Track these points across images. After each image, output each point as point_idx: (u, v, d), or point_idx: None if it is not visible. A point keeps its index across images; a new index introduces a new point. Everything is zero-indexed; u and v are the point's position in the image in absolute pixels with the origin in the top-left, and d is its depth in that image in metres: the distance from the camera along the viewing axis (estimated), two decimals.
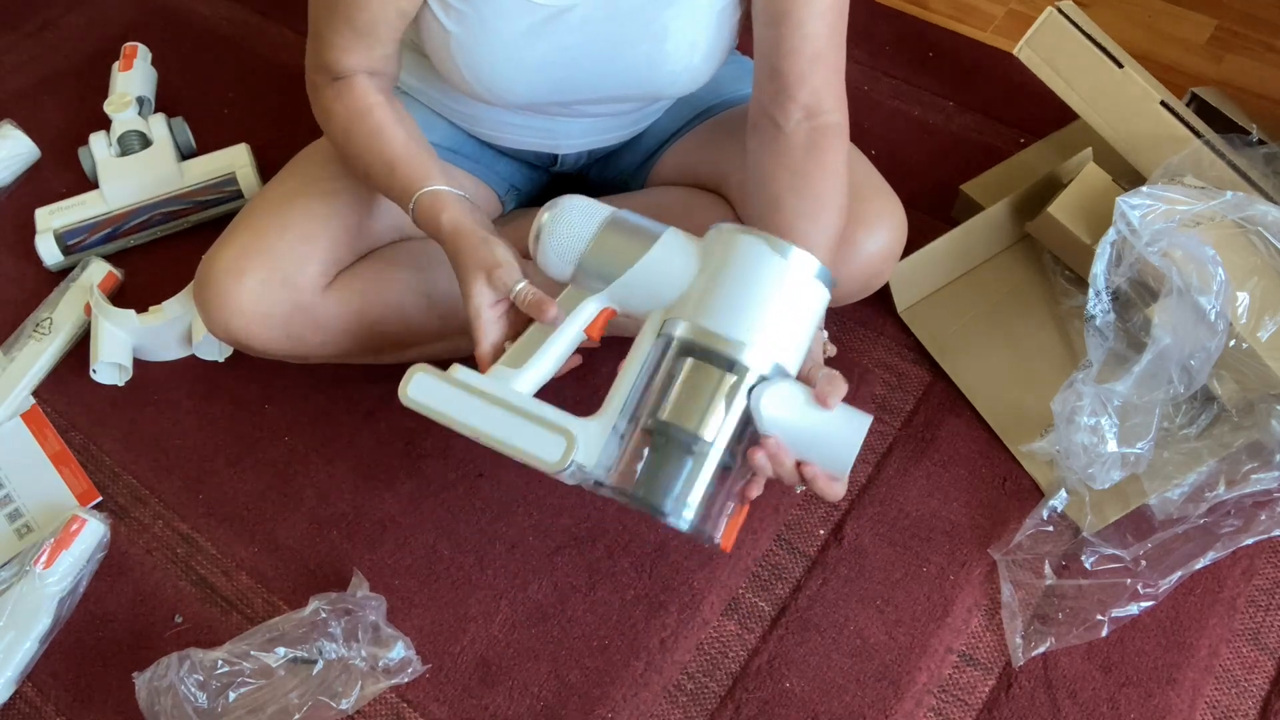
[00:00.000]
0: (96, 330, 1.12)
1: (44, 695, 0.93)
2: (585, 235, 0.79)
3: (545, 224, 0.80)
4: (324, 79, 0.92)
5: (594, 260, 0.79)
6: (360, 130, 0.90)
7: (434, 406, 0.81)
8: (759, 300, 0.74)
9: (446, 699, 0.91)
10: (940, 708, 0.90)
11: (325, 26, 0.89)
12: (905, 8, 1.55)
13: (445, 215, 0.86)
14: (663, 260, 0.78)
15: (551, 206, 0.81)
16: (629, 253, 0.79)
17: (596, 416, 0.77)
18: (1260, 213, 0.98)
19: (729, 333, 0.74)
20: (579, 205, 0.81)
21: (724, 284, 0.75)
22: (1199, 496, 0.98)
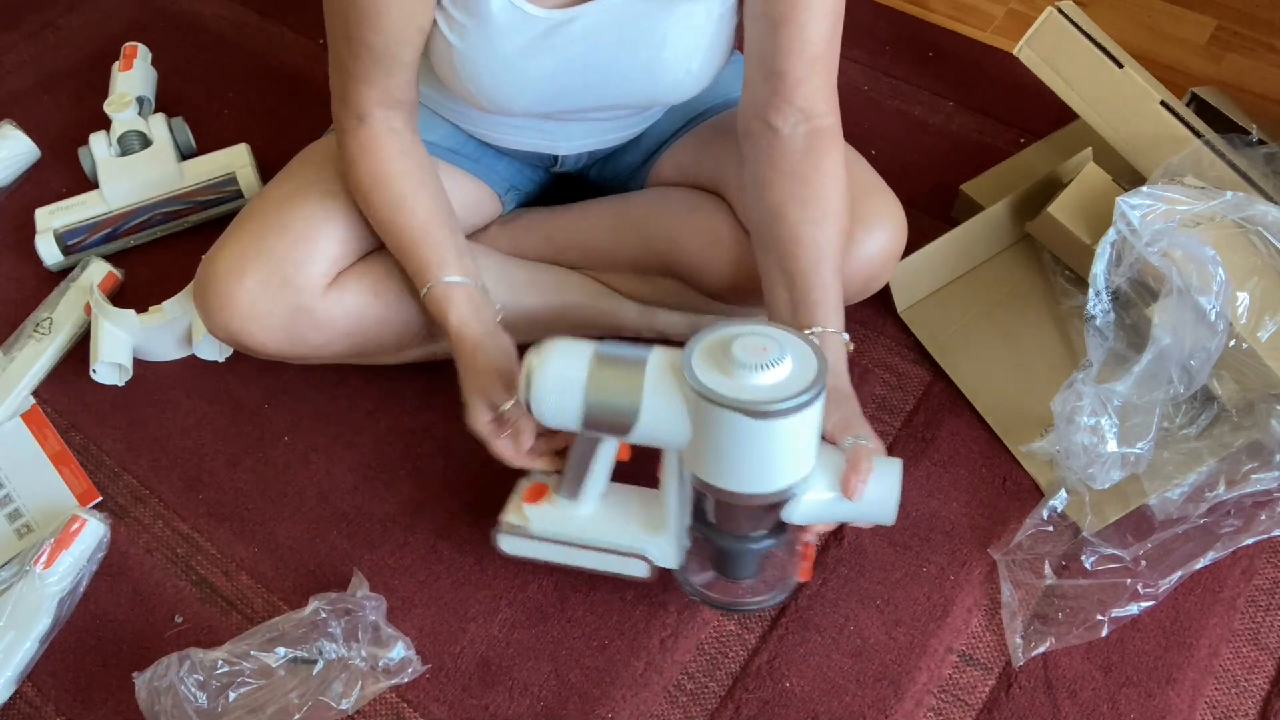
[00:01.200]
0: (96, 330, 1.12)
1: (44, 695, 0.93)
2: (573, 414, 0.79)
3: (531, 398, 0.79)
4: (350, 118, 0.92)
5: (591, 428, 0.80)
6: (383, 200, 0.92)
7: (528, 555, 0.92)
8: (760, 463, 0.76)
9: (446, 699, 0.91)
10: (940, 708, 0.90)
11: (345, 54, 0.89)
12: (905, 8, 1.55)
13: (453, 314, 0.90)
14: (653, 425, 0.78)
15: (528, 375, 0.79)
16: (618, 421, 0.79)
17: (662, 531, 0.88)
18: (1260, 213, 0.98)
19: (743, 489, 0.78)
20: (554, 379, 0.79)
21: (722, 455, 0.76)
22: (1199, 496, 0.98)
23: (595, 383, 0.78)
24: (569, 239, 1.09)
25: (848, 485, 0.79)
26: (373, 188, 0.92)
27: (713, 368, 0.74)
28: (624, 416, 0.78)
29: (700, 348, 0.76)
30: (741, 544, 0.85)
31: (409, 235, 0.92)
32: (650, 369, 0.77)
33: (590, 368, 0.78)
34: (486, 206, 1.09)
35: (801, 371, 0.74)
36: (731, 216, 1.01)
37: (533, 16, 0.86)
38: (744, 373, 0.73)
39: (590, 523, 0.89)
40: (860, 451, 0.80)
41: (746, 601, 0.91)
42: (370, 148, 0.92)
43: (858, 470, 0.79)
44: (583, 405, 0.78)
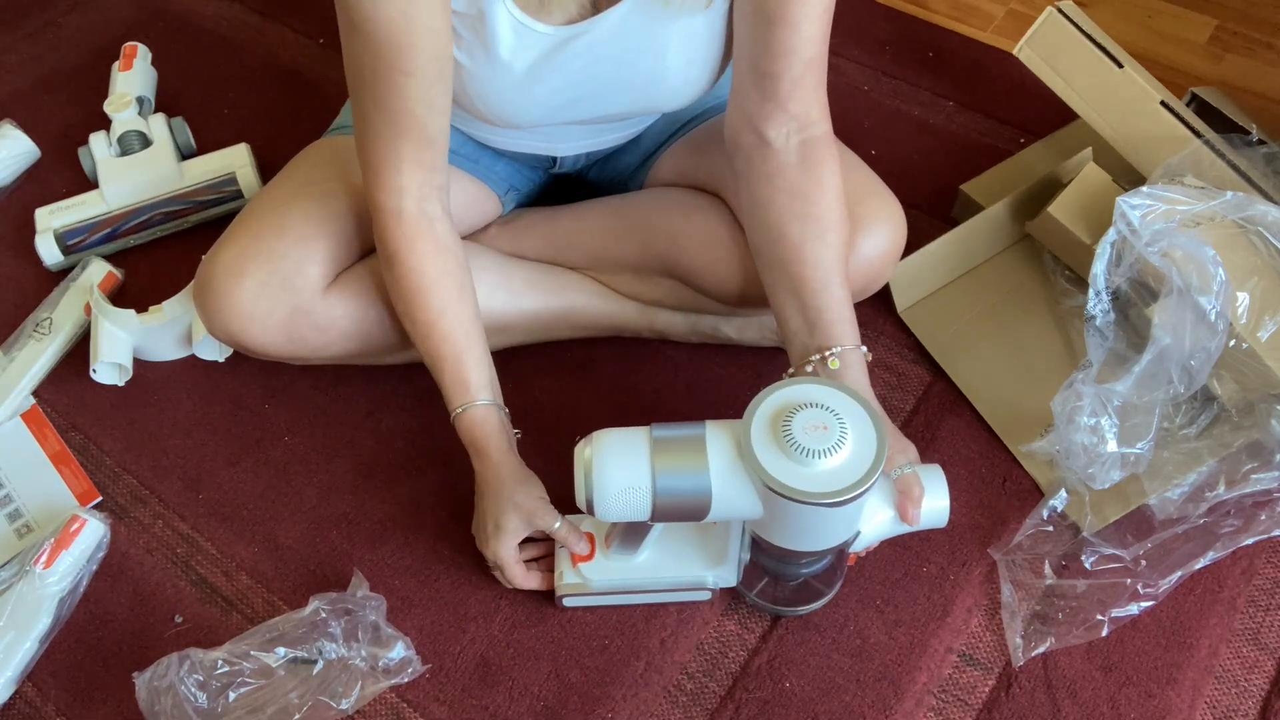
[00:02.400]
0: (96, 330, 1.12)
1: (44, 695, 0.93)
2: (641, 512, 0.79)
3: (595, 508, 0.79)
4: (385, 197, 0.89)
5: (661, 519, 0.80)
6: (425, 305, 0.91)
7: (595, 604, 0.94)
8: (829, 531, 0.79)
9: (446, 699, 0.91)
10: (940, 708, 0.90)
11: (374, 114, 0.85)
12: (905, 8, 1.55)
13: (493, 444, 0.91)
14: (725, 509, 0.78)
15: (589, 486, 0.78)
16: (689, 511, 0.79)
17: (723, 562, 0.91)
18: (1260, 213, 0.98)
19: (811, 548, 0.81)
20: (620, 492, 0.78)
21: (791, 529, 0.79)
22: (1199, 496, 0.98)
23: (662, 484, 0.77)
24: (568, 239, 1.09)
25: (905, 515, 0.83)
26: (416, 292, 0.90)
27: (777, 453, 0.75)
28: (696, 508, 0.78)
29: (759, 428, 0.76)
30: (799, 569, 0.89)
31: (450, 348, 0.91)
32: (713, 457, 0.77)
33: (653, 468, 0.77)
34: (486, 207, 1.09)
35: (862, 448, 0.75)
36: (731, 217, 1.01)
37: (540, 34, 0.86)
38: (809, 459, 0.73)
39: (650, 568, 0.91)
40: (909, 480, 0.84)
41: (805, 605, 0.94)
42: (413, 244, 0.89)
43: (912, 498, 0.83)
44: (651, 507, 0.78)
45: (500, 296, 1.05)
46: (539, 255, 1.10)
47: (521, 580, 0.92)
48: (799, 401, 0.76)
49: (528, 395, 1.11)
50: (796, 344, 0.89)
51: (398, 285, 0.91)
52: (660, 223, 1.04)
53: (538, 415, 1.09)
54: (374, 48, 0.81)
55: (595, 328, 1.11)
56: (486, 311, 1.04)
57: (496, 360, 1.11)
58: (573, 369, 1.13)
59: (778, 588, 0.93)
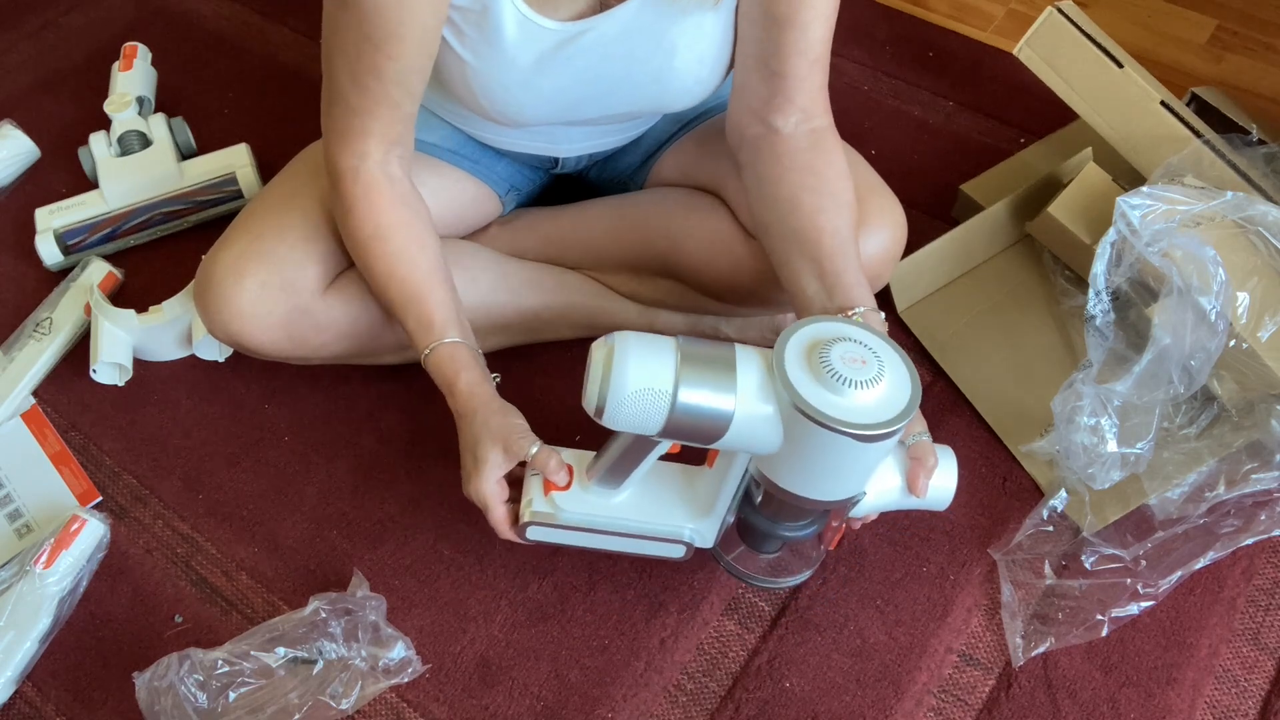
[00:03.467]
0: (96, 330, 1.12)
1: (44, 695, 0.93)
2: (655, 423, 0.72)
3: (607, 408, 0.72)
4: (348, 160, 0.89)
5: (668, 436, 0.74)
6: (382, 251, 0.89)
7: (553, 541, 0.87)
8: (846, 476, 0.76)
9: (446, 699, 0.91)
10: (940, 708, 0.90)
11: (350, 90, 0.85)
12: (905, 8, 1.55)
13: (464, 376, 0.87)
14: (742, 435, 0.73)
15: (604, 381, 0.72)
16: (705, 431, 0.73)
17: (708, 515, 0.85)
18: (1260, 213, 0.98)
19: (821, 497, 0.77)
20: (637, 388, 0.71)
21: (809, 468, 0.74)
22: (1199, 496, 0.98)
23: (685, 392, 0.71)
24: (569, 239, 1.09)
25: (915, 483, 0.81)
26: (373, 238, 0.89)
27: (811, 379, 0.70)
28: (714, 428, 0.72)
29: (793, 351, 0.72)
30: (784, 531, 0.84)
31: (411, 290, 0.88)
32: (741, 374, 0.72)
33: (677, 373, 0.71)
34: (486, 206, 1.09)
35: (897, 387, 0.71)
36: (731, 217, 1.01)
37: (545, 29, 0.86)
38: (844, 388, 0.69)
39: (628, 508, 0.85)
40: (925, 448, 0.82)
41: (780, 578, 0.91)
42: (369, 195, 0.89)
43: (925, 467, 0.81)
44: (667, 417, 0.72)
45: (500, 296, 1.05)
46: (539, 255, 1.10)
47: (506, 524, 0.86)
48: (835, 335, 0.72)
49: (528, 395, 1.11)
50: (815, 308, 0.87)
51: (353, 236, 0.90)
52: (661, 222, 1.04)
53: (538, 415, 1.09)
54: (363, 28, 0.81)
55: (595, 327, 1.11)
56: (486, 311, 1.04)
57: (496, 360, 1.12)
58: (573, 369, 1.13)
59: (753, 558, 0.89)
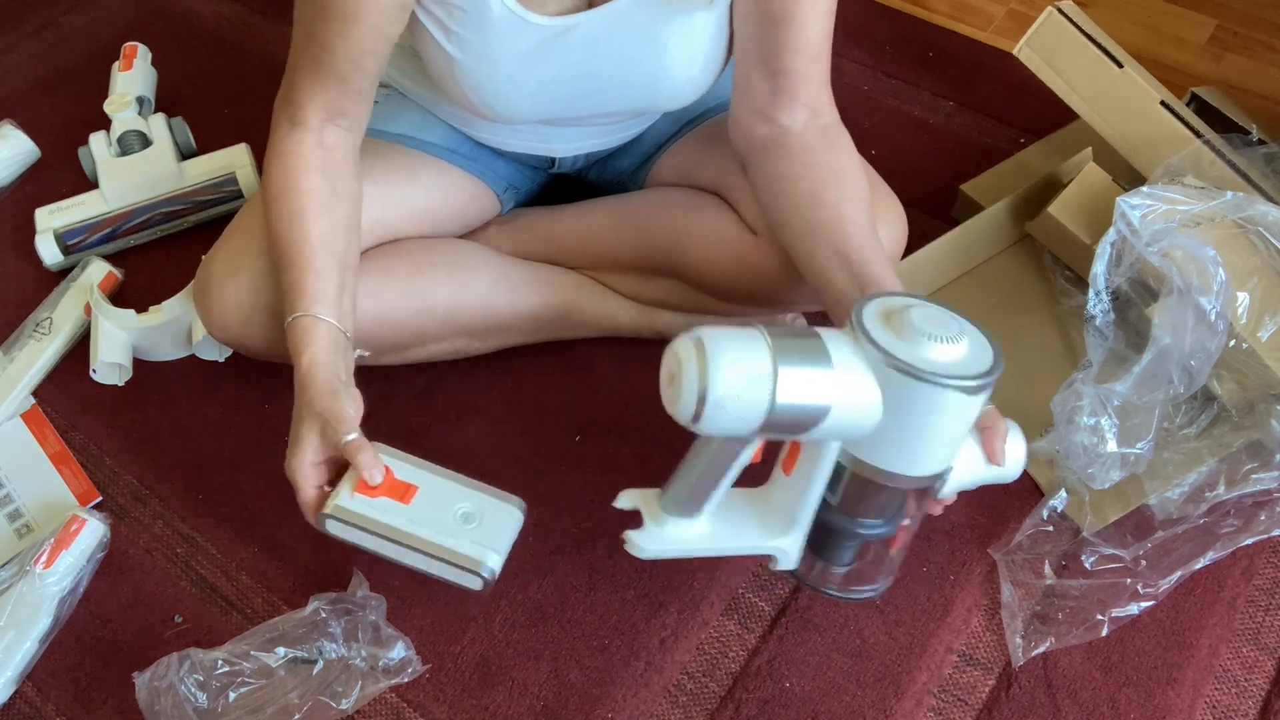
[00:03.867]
0: (96, 330, 1.12)
1: (44, 695, 0.93)
2: (757, 417, 0.68)
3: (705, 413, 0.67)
4: (284, 118, 0.89)
5: (764, 433, 0.71)
6: (282, 210, 0.87)
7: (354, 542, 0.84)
8: (935, 442, 0.73)
9: (446, 699, 0.91)
10: (940, 708, 0.90)
11: (303, 53, 0.87)
12: (905, 8, 1.55)
13: (309, 352, 0.83)
14: (843, 417, 0.70)
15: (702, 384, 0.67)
16: (805, 421, 0.69)
17: (792, 530, 0.81)
18: (1260, 213, 0.98)
19: (903, 469, 0.74)
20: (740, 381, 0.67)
21: (905, 436, 0.72)
22: (1199, 496, 0.98)
23: (785, 380, 0.67)
24: (569, 239, 1.09)
25: (992, 451, 0.78)
26: (279, 195, 0.88)
27: (898, 340, 0.69)
28: (815, 414, 0.69)
29: (871, 320, 0.70)
30: (861, 529, 0.79)
31: (293, 254, 0.86)
32: (834, 354, 0.69)
33: (774, 362, 0.67)
34: (485, 206, 1.09)
35: (977, 345, 0.71)
36: (734, 216, 1.01)
37: (533, 24, 0.86)
38: (932, 344, 0.68)
39: (705, 540, 0.81)
40: (994, 416, 0.80)
41: (862, 589, 0.87)
42: (290, 154, 0.88)
43: (998, 433, 0.79)
44: (769, 405, 0.67)
45: (500, 296, 1.05)
46: (539, 255, 1.10)
47: (310, 504, 0.82)
48: (906, 303, 0.72)
49: (528, 395, 1.11)
50: (846, 303, 0.84)
51: (265, 193, 0.89)
52: (662, 222, 1.04)
53: (538, 415, 1.09)
54: (321, 2, 0.83)
55: (595, 327, 1.11)
56: (486, 311, 1.04)
57: (496, 360, 1.12)
58: (573, 369, 1.13)
59: (828, 572, 0.85)
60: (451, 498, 0.85)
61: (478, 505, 0.85)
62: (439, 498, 0.84)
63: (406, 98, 1.05)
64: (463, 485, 0.86)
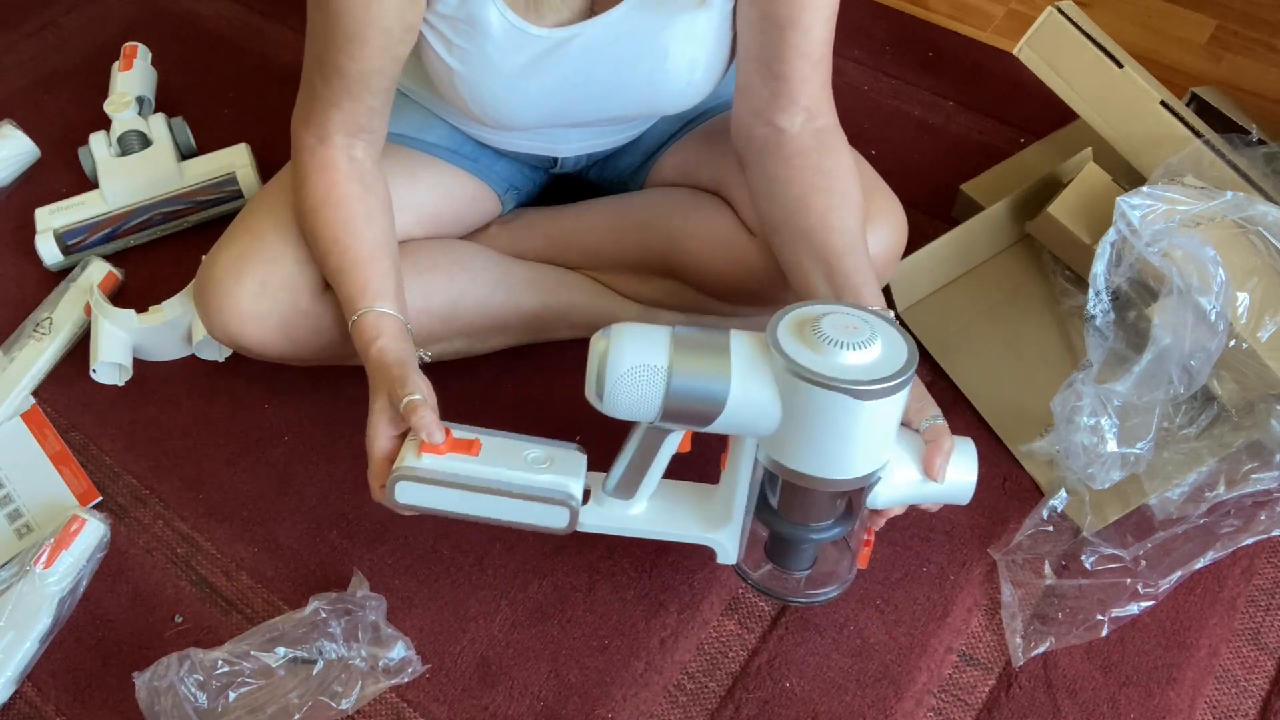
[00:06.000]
0: (96, 330, 1.12)
1: (44, 695, 0.93)
2: (652, 404, 0.74)
3: (605, 393, 0.75)
4: (309, 137, 0.91)
5: (668, 418, 0.76)
6: (332, 217, 0.89)
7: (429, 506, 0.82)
8: (841, 445, 0.74)
9: (446, 699, 0.91)
10: (940, 708, 0.90)
11: (317, 76, 0.88)
12: (905, 8, 1.55)
13: (379, 342, 0.85)
14: (741, 411, 0.74)
15: (601, 367, 0.74)
16: (705, 409, 0.74)
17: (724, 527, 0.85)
18: (1260, 213, 0.98)
19: (812, 470, 0.75)
20: (632, 371, 0.74)
21: (813, 440, 0.74)
22: (1199, 496, 0.98)
23: (679, 369, 0.73)
24: (569, 239, 1.09)
25: (931, 466, 0.78)
26: (324, 203, 0.89)
27: (803, 346, 0.72)
28: (711, 405, 0.73)
29: (784, 327, 0.73)
30: (808, 533, 0.82)
31: (352, 257, 0.88)
32: (735, 352, 0.74)
33: (671, 352, 0.74)
34: (486, 206, 1.09)
35: (892, 351, 0.72)
36: (732, 216, 1.01)
37: (533, 36, 0.86)
38: (837, 351, 0.70)
39: (643, 522, 0.86)
40: (940, 431, 0.80)
41: (814, 593, 0.87)
42: (326, 168, 0.90)
43: (941, 449, 0.78)
44: (664, 395, 0.74)
45: (500, 296, 1.05)
46: (539, 255, 1.10)
47: (379, 478, 0.82)
48: (825, 310, 0.74)
49: (528, 395, 1.11)
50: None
51: (305, 203, 0.90)
52: (661, 222, 1.04)
53: (537, 415, 1.09)
54: (329, 26, 0.84)
55: (595, 327, 1.10)
56: (487, 311, 1.04)
57: (496, 360, 1.12)
58: (573, 369, 1.13)
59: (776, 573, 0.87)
60: (516, 447, 0.84)
61: (544, 451, 0.85)
62: (504, 448, 0.84)
63: (408, 97, 1.05)
64: (522, 439, 0.85)
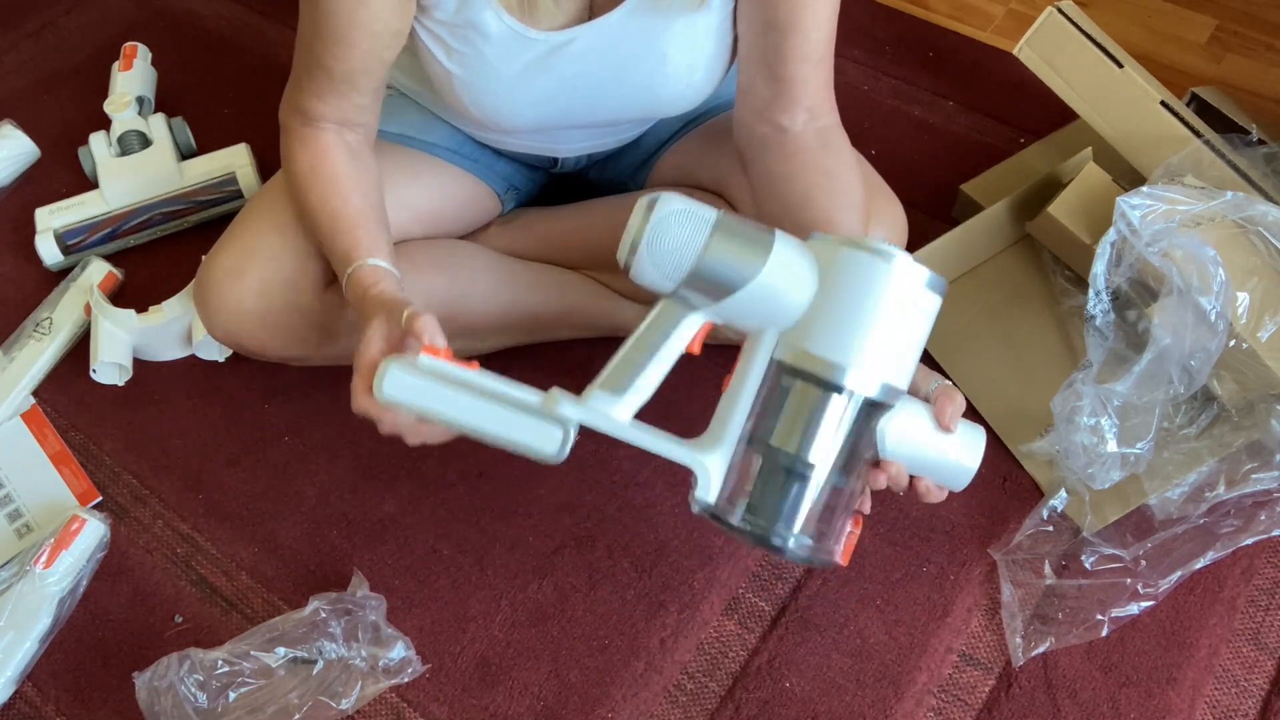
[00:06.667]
0: (96, 330, 1.12)
1: (44, 695, 0.93)
2: (692, 251, 0.71)
3: (645, 235, 0.71)
4: (295, 120, 0.91)
5: (701, 278, 0.72)
6: (319, 182, 0.88)
7: (417, 405, 0.76)
8: (879, 324, 0.71)
9: (446, 699, 0.91)
10: (940, 708, 0.90)
11: (304, 71, 0.88)
12: (905, 7, 1.55)
13: (379, 285, 0.82)
14: (775, 279, 0.72)
15: (650, 211, 0.72)
16: (740, 272, 0.72)
17: (714, 448, 0.75)
18: (1260, 213, 0.98)
19: (846, 360, 0.71)
20: (682, 212, 0.72)
21: (841, 311, 0.71)
22: (1199, 496, 0.98)
23: (724, 224, 0.71)
24: (569, 239, 1.09)
25: (943, 413, 0.75)
26: (311, 172, 0.88)
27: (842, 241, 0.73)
28: (750, 262, 0.71)
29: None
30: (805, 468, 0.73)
31: (343, 219, 0.86)
32: (779, 235, 0.73)
33: (719, 214, 0.72)
34: (486, 205, 1.09)
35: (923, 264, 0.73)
36: None
37: (531, 39, 0.86)
38: (879, 244, 0.71)
39: (627, 428, 0.78)
40: (949, 388, 0.78)
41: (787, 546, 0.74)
42: (313, 140, 0.89)
43: (952, 400, 0.76)
44: (705, 244, 0.71)
45: (501, 296, 1.05)
46: (539, 255, 1.10)
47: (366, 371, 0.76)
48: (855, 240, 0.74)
49: None
50: None
51: (294, 172, 0.90)
52: None
53: None
54: (317, 25, 0.84)
55: (595, 328, 1.11)
56: (486, 312, 1.04)
57: (496, 360, 1.12)
58: (573, 369, 1.13)
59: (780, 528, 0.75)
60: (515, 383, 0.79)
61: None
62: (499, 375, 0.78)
63: (408, 98, 1.05)
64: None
